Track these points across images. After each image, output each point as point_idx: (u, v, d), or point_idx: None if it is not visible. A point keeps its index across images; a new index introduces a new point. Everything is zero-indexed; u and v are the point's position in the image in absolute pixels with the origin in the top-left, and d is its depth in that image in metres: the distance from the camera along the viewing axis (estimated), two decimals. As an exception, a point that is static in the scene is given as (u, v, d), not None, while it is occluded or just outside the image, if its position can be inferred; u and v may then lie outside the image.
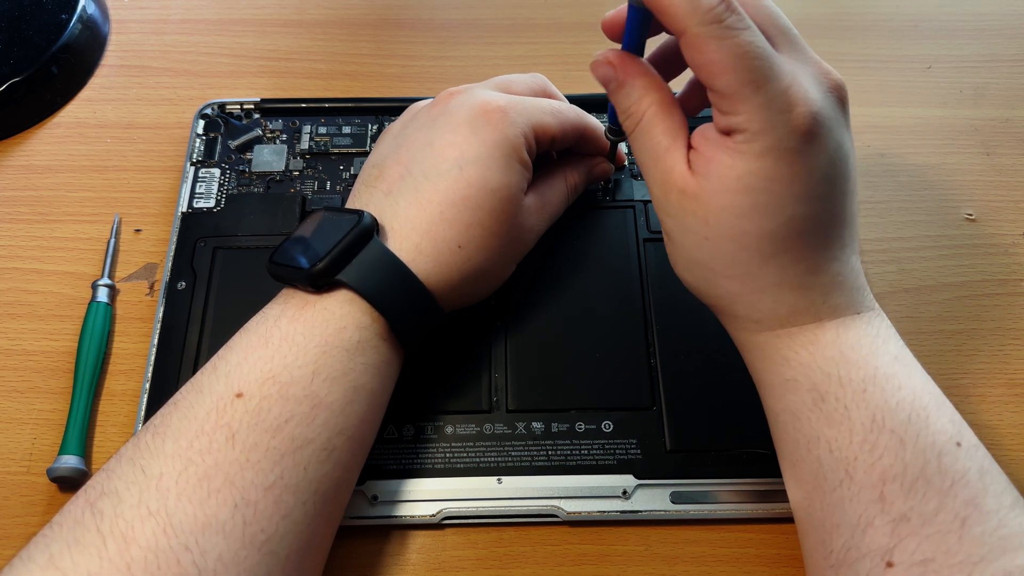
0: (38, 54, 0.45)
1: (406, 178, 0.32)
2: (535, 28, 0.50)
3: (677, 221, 0.29)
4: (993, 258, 0.41)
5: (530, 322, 0.38)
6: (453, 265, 0.31)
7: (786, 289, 0.28)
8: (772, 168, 0.26)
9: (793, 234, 0.27)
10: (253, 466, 0.26)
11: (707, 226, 0.28)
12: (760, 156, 0.26)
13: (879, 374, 0.27)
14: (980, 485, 0.25)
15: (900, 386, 0.27)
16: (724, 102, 0.26)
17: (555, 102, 0.36)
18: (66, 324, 0.39)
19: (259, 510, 0.26)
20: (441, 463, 0.35)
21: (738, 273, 0.28)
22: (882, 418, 0.27)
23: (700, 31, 0.25)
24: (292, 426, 0.27)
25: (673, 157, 0.28)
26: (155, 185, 0.43)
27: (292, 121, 0.44)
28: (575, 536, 0.34)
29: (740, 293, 0.29)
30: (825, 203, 0.27)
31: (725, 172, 0.27)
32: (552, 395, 0.36)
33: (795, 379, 0.29)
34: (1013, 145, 0.45)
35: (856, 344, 0.28)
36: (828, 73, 0.28)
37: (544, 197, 0.35)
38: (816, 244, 0.28)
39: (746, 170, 0.26)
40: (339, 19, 0.50)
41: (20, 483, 0.35)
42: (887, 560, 0.25)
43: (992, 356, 0.38)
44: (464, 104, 0.33)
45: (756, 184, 0.26)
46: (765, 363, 0.30)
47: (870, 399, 0.27)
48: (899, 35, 0.49)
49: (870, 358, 0.28)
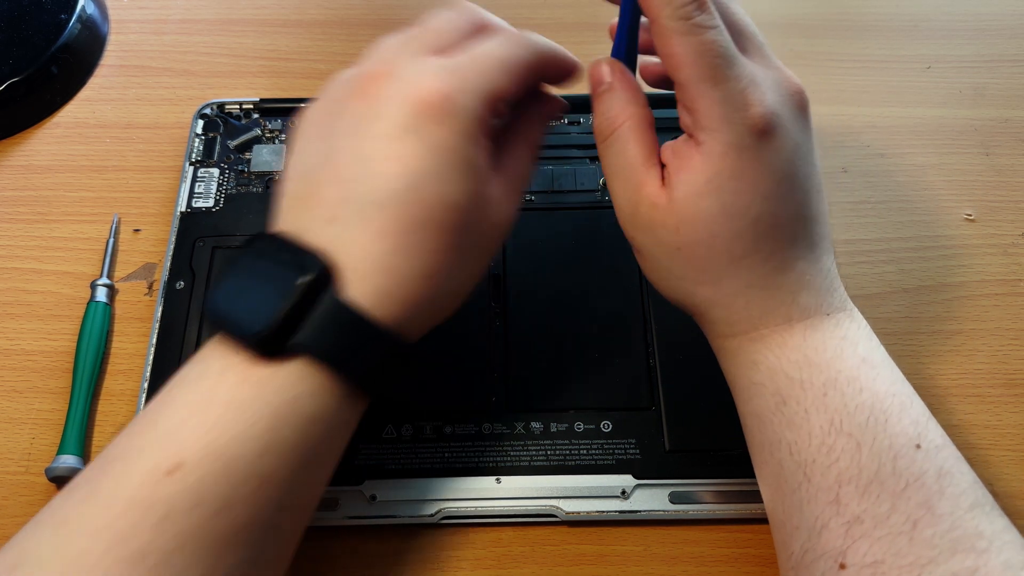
0: (38, 54, 0.45)
1: (349, 202, 0.26)
2: (535, 28, 0.49)
3: (648, 235, 0.29)
4: (993, 258, 0.41)
5: (529, 322, 0.38)
6: (423, 298, 0.27)
7: (757, 289, 0.29)
8: (734, 166, 0.27)
9: (760, 233, 0.28)
10: (187, 554, 0.23)
11: (678, 235, 0.28)
12: (723, 156, 0.27)
13: (841, 377, 0.28)
14: (936, 487, 0.26)
15: (861, 389, 0.28)
16: (685, 95, 0.28)
17: (499, 44, 0.29)
18: (65, 324, 0.39)
19: None
20: (440, 463, 0.35)
21: (710, 279, 0.29)
22: (840, 421, 0.27)
23: (669, 24, 0.27)
24: (235, 509, 0.24)
25: (647, 172, 0.29)
26: (154, 185, 0.43)
27: (292, 121, 0.44)
28: (574, 536, 0.34)
29: (714, 298, 0.29)
30: (787, 202, 0.28)
31: (694, 177, 0.28)
32: (551, 395, 0.36)
33: (761, 383, 0.29)
34: (1013, 145, 0.45)
35: (821, 347, 0.28)
36: (788, 79, 0.29)
37: (510, 176, 0.30)
38: (782, 242, 0.28)
39: (714, 171, 0.27)
40: (339, 19, 0.50)
41: (19, 483, 0.35)
42: (840, 561, 0.25)
43: (992, 356, 0.38)
44: (395, 98, 0.26)
45: (723, 184, 0.27)
46: (736, 367, 0.30)
47: (829, 403, 0.27)
48: (899, 35, 0.49)
49: (834, 361, 0.28)
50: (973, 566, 0.24)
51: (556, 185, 0.42)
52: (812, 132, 0.30)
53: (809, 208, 0.29)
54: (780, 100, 0.28)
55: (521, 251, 0.40)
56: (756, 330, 0.29)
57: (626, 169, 0.29)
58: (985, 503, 0.26)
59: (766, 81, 0.28)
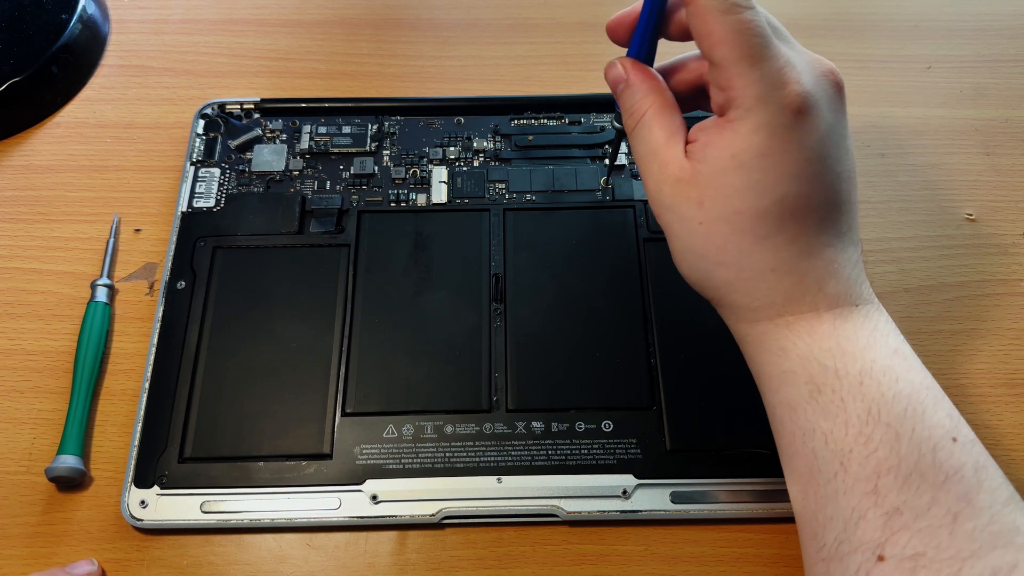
0: (38, 54, 0.45)
1: None
2: (535, 28, 0.50)
3: (673, 211, 0.29)
4: (993, 258, 0.41)
5: (530, 322, 0.38)
6: None
7: (781, 274, 0.28)
8: (764, 144, 0.27)
9: (786, 213, 0.28)
10: None
11: (702, 209, 0.28)
12: (753, 132, 0.27)
13: (876, 367, 0.27)
14: (974, 481, 0.25)
15: (897, 379, 0.27)
16: (721, 75, 0.27)
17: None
18: (65, 324, 0.39)
19: None
20: (441, 463, 0.35)
21: (731, 258, 0.28)
22: (878, 411, 0.27)
23: (708, 4, 0.27)
24: None
25: (671, 150, 0.29)
26: (155, 185, 0.43)
27: (292, 121, 0.44)
28: (575, 536, 0.34)
29: (735, 280, 0.29)
30: (817, 184, 0.28)
31: (720, 152, 0.27)
32: (552, 395, 0.36)
33: (792, 371, 0.29)
34: (1013, 145, 0.45)
35: (853, 336, 0.28)
36: (821, 60, 0.29)
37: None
38: (809, 226, 0.28)
39: (740, 147, 0.27)
40: (339, 19, 0.50)
41: (19, 483, 0.35)
42: (878, 554, 0.25)
43: (992, 356, 0.38)
44: None
45: (749, 161, 0.27)
46: (763, 355, 0.30)
47: (867, 391, 0.27)
48: (899, 35, 0.49)
49: (867, 350, 0.28)
50: (1013, 561, 0.24)
51: (556, 185, 0.42)
52: (846, 115, 0.29)
53: (839, 193, 0.29)
54: (815, 81, 0.28)
55: (521, 251, 0.40)
56: (781, 316, 0.29)
57: (652, 152, 0.30)
58: (1018, 499, 0.26)
59: (801, 63, 0.28)
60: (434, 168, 0.43)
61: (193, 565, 0.34)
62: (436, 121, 0.44)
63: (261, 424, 0.35)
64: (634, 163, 0.42)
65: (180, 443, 0.35)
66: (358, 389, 0.36)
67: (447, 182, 0.42)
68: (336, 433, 0.35)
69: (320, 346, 0.37)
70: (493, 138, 0.44)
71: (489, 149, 0.43)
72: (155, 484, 0.34)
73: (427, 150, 0.43)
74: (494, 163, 0.43)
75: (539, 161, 0.43)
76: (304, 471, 0.34)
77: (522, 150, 0.43)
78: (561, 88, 0.47)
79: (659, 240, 0.40)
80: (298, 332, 0.37)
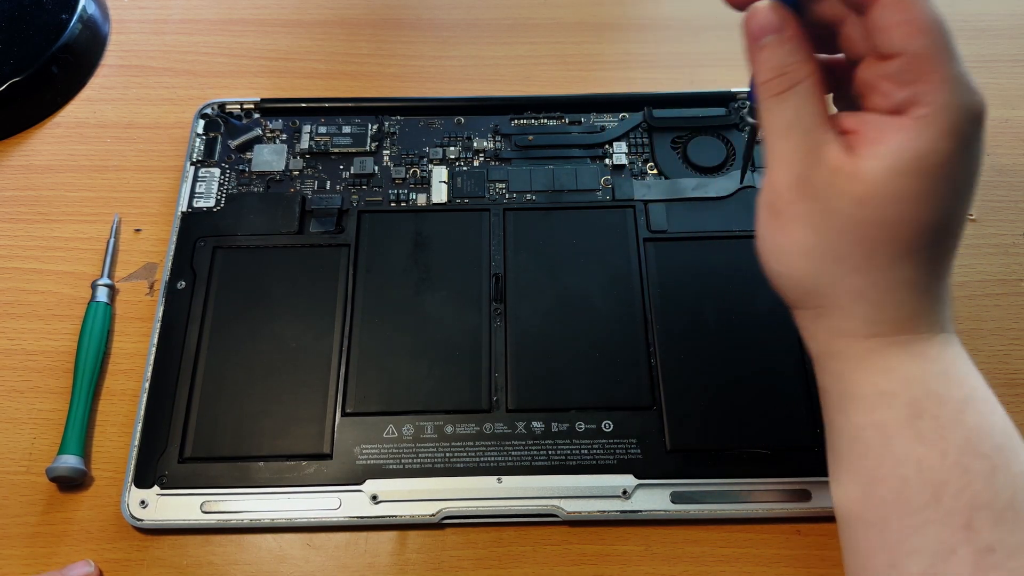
0: (38, 54, 0.45)
1: None
2: (535, 28, 0.50)
3: (816, 203, 0.26)
4: (993, 258, 0.41)
5: (530, 322, 0.38)
6: None
7: (917, 291, 0.26)
8: (950, 151, 0.24)
9: (942, 229, 0.25)
10: None
11: (861, 208, 0.25)
12: (942, 136, 0.24)
13: (976, 395, 0.26)
14: None
15: (994, 410, 0.26)
16: (911, 67, 0.24)
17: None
18: (66, 324, 0.39)
19: None
20: (441, 463, 0.35)
21: (874, 266, 0.26)
22: (977, 441, 0.25)
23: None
24: None
25: (828, 132, 0.26)
26: (155, 185, 0.43)
27: (292, 121, 0.44)
28: (575, 536, 0.34)
29: (867, 289, 0.26)
30: (966, 201, 0.26)
31: (901, 152, 0.24)
32: (552, 395, 0.36)
33: (892, 392, 0.27)
34: (1013, 145, 0.45)
35: (957, 361, 0.27)
36: None
37: None
38: (950, 246, 0.26)
39: (927, 150, 0.24)
40: (339, 19, 0.50)
41: (19, 483, 0.35)
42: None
43: (992, 356, 0.38)
44: None
45: (930, 169, 0.24)
46: (860, 372, 0.27)
47: (967, 420, 0.26)
48: (899, 35, 0.49)
49: (968, 377, 0.27)
50: None
51: (556, 185, 0.42)
52: None
53: (963, 217, 0.26)
54: None
55: (521, 251, 0.40)
56: (898, 334, 0.27)
57: (802, 129, 0.26)
58: None
59: None
60: (434, 168, 0.43)
61: (193, 565, 0.34)
62: (436, 121, 0.44)
63: (261, 424, 0.35)
64: (633, 163, 0.43)
65: (180, 443, 0.35)
66: (358, 389, 0.36)
67: (447, 182, 0.42)
68: (336, 433, 0.35)
69: (320, 346, 0.37)
70: (493, 138, 0.44)
71: (489, 149, 0.43)
72: (155, 484, 0.34)
73: (427, 150, 0.43)
74: (494, 163, 0.43)
75: (539, 161, 0.43)
76: (304, 471, 0.34)
77: (522, 150, 0.43)
78: (561, 88, 0.47)
79: (659, 240, 0.40)
80: (298, 332, 0.37)
